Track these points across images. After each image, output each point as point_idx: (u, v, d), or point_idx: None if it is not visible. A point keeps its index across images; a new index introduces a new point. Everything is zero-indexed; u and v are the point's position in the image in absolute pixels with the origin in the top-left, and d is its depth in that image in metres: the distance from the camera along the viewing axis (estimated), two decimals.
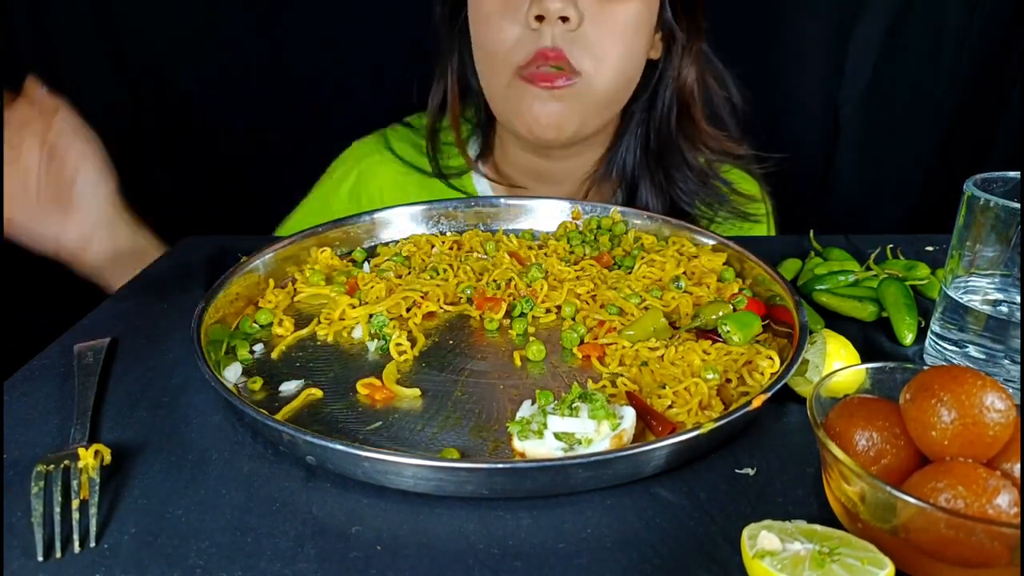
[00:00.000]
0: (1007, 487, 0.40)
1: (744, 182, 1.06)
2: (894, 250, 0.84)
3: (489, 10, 0.86)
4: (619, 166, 0.99)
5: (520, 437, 0.52)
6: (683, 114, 0.97)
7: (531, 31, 0.83)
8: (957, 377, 0.43)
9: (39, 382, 0.62)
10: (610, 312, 0.70)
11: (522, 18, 0.83)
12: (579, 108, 0.88)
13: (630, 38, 0.87)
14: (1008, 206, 0.57)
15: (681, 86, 0.95)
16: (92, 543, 0.45)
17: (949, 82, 1.34)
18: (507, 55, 0.86)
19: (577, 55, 0.84)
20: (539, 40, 0.83)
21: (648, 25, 0.89)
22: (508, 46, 0.85)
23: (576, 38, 0.83)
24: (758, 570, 0.39)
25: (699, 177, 0.98)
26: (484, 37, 0.88)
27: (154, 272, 0.85)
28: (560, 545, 0.45)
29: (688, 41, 0.94)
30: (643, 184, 0.98)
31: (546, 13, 0.81)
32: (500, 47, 0.86)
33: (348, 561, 0.44)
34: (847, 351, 0.60)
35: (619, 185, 1.01)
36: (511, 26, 0.84)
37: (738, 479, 0.51)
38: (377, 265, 0.80)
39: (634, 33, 0.87)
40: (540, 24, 0.82)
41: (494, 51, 0.87)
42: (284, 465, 0.52)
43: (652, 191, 0.98)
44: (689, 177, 0.98)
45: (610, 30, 0.85)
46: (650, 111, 0.97)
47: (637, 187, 0.99)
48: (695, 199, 0.98)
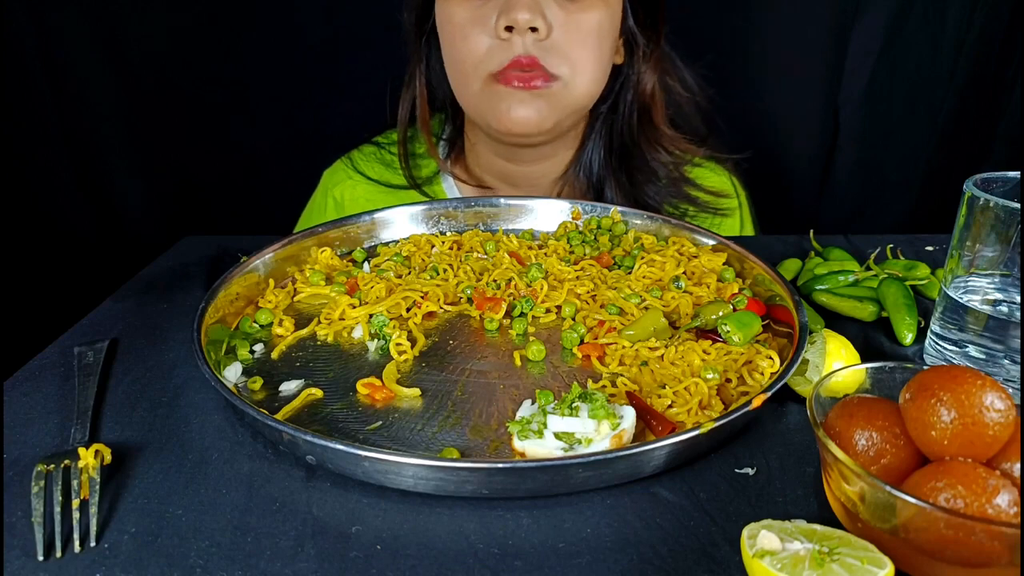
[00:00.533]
0: (1007, 487, 0.40)
1: (713, 175, 1.07)
2: (894, 250, 0.84)
3: (459, 20, 0.87)
4: (585, 168, 1.01)
5: (520, 437, 0.52)
6: (644, 117, 0.99)
7: (501, 40, 0.85)
8: (957, 377, 0.43)
9: (39, 382, 0.62)
10: (610, 312, 0.70)
11: (491, 29, 0.85)
12: (556, 108, 0.89)
13: (597, 44, 0.88)
14: (1008, 206, 0.57)
15: (642, 90, 0.97)
16: (92, 543, 0.45)
17: (949, 82, 1.34)
18: (479, 64, 0.87)
19: (552, 62, 0.86)
20: (511, 49, 0.85)
21: (612, 31, 0.90)
22: (479, 55, 0.86)
23: (548, 46, 0.85)
24: (758, 569, 0.39)
25: (663, 178, 1.00)
26: (455, 47, 0.89)
27: (154, 272, 0.85)
28: (560, 545, 0.45)
29: (648, 47, 0.96)
30: (607, 185, 1.00)
31: (515, 24, 0.82)
32: (471, 56, 0.87)
33: (348, 561, 0.44)
34: (847, 351, 0.60)
35: (587, 187, 1.02)
36: (481, 36, 0.86)
37: (738, 479, 0.51)
38: (377, 265, 0.80)
39: (600, 39, 0.89)
40: (510, 34, 0.84)
41: (466, 60, 0.88)
42: (284, 465, 0.52)
43: (617, 192, 1.00)
44: (652, 178, 1.00)
45: (578, 37, 0.86)
46: (613, 114, 0.99)
47: (603, 188, 1.00)
48: (661, 199, 1.00)
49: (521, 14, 0.81)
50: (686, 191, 1.01)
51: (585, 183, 1.02)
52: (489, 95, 0.88)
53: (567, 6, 0.85)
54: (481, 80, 0.88)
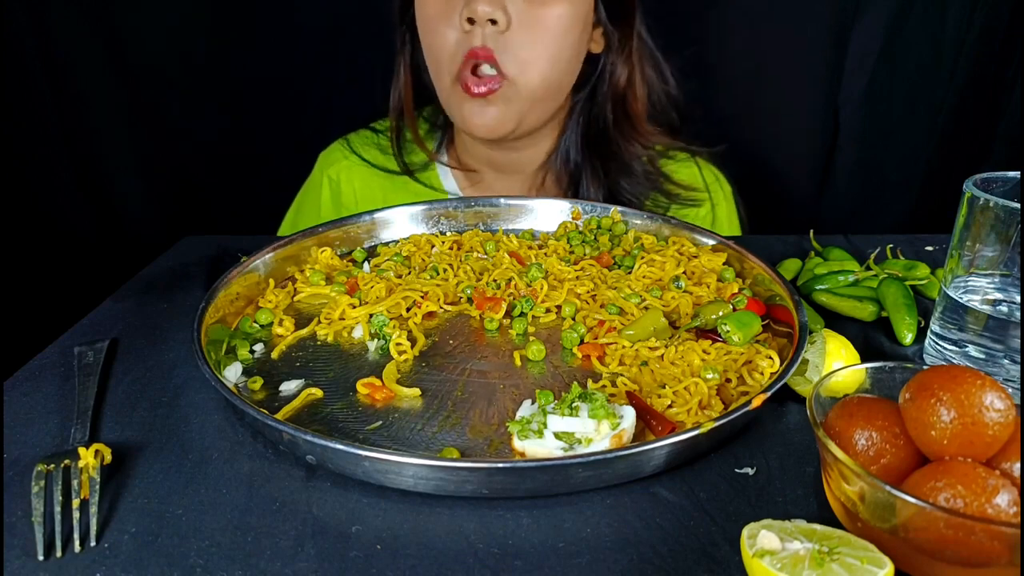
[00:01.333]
0: (1006, 486, 0.40)
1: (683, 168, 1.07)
2: (894, 250, 0.84)
3: (431, 13, 0.90)
4: (563, 155, 1.02)
5: (520, 437, 0.52)
6: (618, 108, 1.00)
7: (464, 34, 0.87)
8: (957, 377, 0.43)
9: (39, 382, 0.62)
10: (610, 312, 0.70)
11: (454, 23, 0.87)
12: (512, 108, 0.91)
13: (558, 40, 0.90)
14: (1008, 206, 0.57)
15: (616, 81, 0.99)
16: (92, 542, 0.45)
17: (949, 82, 1.34)
18: (447, 58, 0.90)
19: (505, 59, 0.88)
20: (470, 40, 0.87)
21: (578, 25, 0.91)
22: (448, 50, 0.89)
23: (505, 41, 0.87)
24: (758, 569, 0.39)
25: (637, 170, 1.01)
26: (427, 40, 0.92)
27: (154, 272, 0.85)
28: (560, 544, 0.45)
29: (621, 41, 0.97)
30: (584, 174, 1.01)
31: (475, 15, 0.85)
32: (441, 52, 0.90)
33: (348, 560, 0.44)
34: (847, 351, 0.60)
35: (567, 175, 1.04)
36: (448, 30, 0.88)
37: (738, 479, 0.51)
38: (377, 265, 0.80)
39: (562, 35, 0.90)
40: (471, 26, 0.86)
41: (437, 55, 0.91)
42: (284, 465, 0.52)
43: (592, 182, 1.01)
44: (625, 170, 1.01)
45: (538, 33, 0.88)
46: (590, 102, 1.01)
47: (579, 176, 1.02)
48: (636, 192, 1.01)
49: (481, 6, 0.84)
50: (661, 184, 1.03)
51: (565, 171, 1.03)
52: (454, 97, 0.92)
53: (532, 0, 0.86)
54: (449, 79, 0.91)
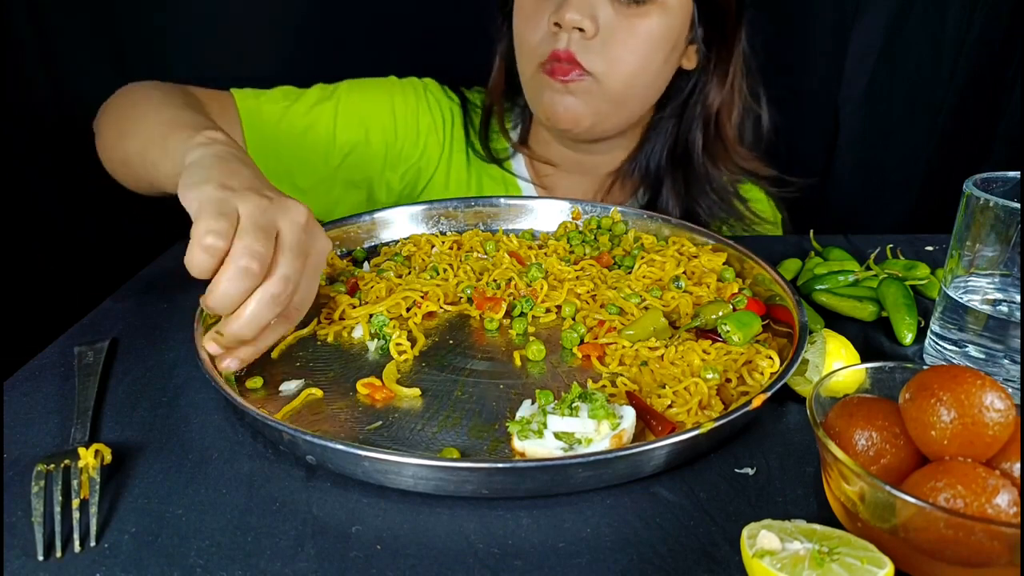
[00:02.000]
0: (1006, 487, 0.40)
1: (759, 203, 1.08)
2: (894, 250, 0.84)
3: (525, 7, 0.91)
4: (642, 166, 1.02)
5: (520, 437, 0.52)
6: (708, 129, 1.00)
7: (551, 33, 0.88)
8: (957, 377, 0.43)
9: (39, 382, 0.62)
10: (610, 312, 0.70)
11: (546, 20, 0.88)
12: (591, 103, 0.91)
13: (647, 50, 0.90)
14: (1008, 206, 0.57)
15: (708, 103, 0.98)
16: (92, 542, 0.45)
17: (949, 82, 1.34)
18: (532, 50, 0.91)
19: (589, 59, 0.88)
20: (556, 42, 0.88)
21: (670, 39, 0.91)
22: (534, 42, 0.90)
23: (590, 45, 0.87)
24: (758, 569, 0.39)
25: (717, 192, 1.01)
26: (518, 31, 0.93)
27: (154, 272, 0.85)
28: (560, 545, 0.45)
29: (716, 64, 0.97)
30: (665, 186, 1.01)
31: (562, 22, 0.86)
32: (527, 43, 0.91)
33: (348, 560, 0.44)
34: (847, 351, 0.60)
35: (640, 185, 1.04)
36: (539, 25, 0.89)
37: (738, 479, 0.51)
38: (377, 265, 0.80)
39: (652, 46, 0.90)
40: (558, 29, 0.87)
41: (523, 45, 0.92)
42: (284, 465, 0.52)
43: (672, 196, 1.01)
44: (707, 190, 1.00)
45: (627, 41, 0.88)
46: (679, 119, 1.00)
47: (659, 188, 1.02)
48: (710, 212, 1.01)
49: (570, 14, 0.85)
50: (739, 211, 1.03)
51: (639, 181, 1.03)
52: (536, 83, 0.92)
53: (622, 10, 0.87)
54: (533, 67, 0.92)
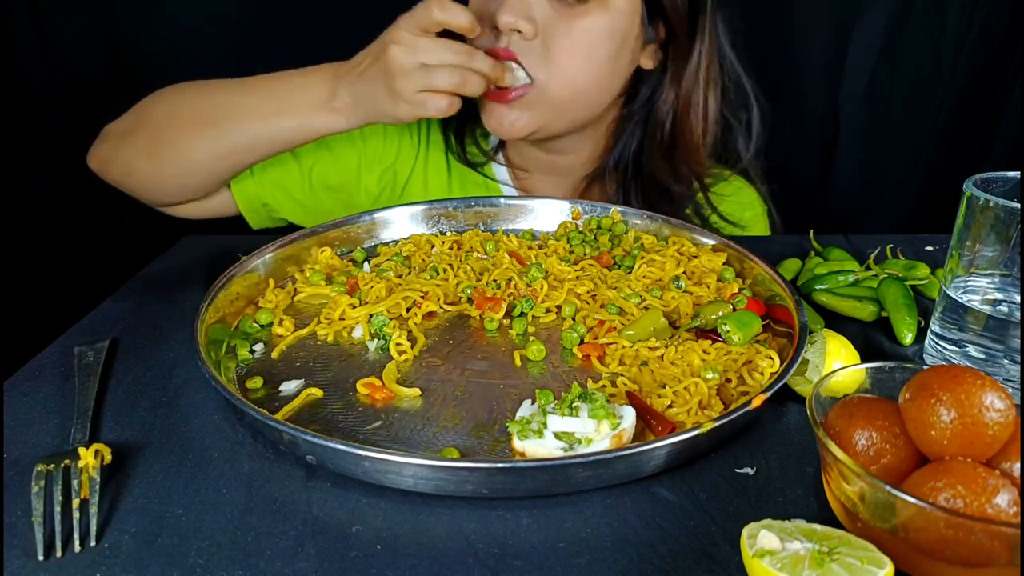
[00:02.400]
0: (1006, 486, 0.40)
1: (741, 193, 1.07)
2: (894, 250, 0.84)
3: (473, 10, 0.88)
4: (614, 167, 1.01)
5: (520, 437, 0.52)
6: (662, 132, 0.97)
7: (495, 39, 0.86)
8: (957, 377, 0.43)
9: (39, 382, 0.62)
10: (610, 312, 0.70)
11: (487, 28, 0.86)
12: (536, 113, 0.90)
13: (591, 50, 0.88)
14: (1008, 206, 0.57)
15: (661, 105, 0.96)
16: (92, 542, 0.45)
17: (949, 82, 1.34)
18: None
19: (531, 63, 0.86)
20: (495, 42, 0.86)
21: (614, 38, 0.89)
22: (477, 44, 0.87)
23: (532, 47, 0.85)
24: (758, 569, 0.39)
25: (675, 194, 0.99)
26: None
27: (154, 272, 0.85)
28: (560, 545, 0.45)
29: (672, 64, 0.95)
30: (636, 183, 1.00)
31: (499, 24, 0.84)
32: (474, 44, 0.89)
33: (348, 560, 0.44)
34: (847, 351, 0.60)
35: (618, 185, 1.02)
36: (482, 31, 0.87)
37: (738, 479, 0.51)
38: (377, 265, 0.80)
39: (595, 46, 0.88)
40: (498, 33, 0.86)
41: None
42: (284, 465, 0.52)
43: (638, 196, 1.00)
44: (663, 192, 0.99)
45: (569, 42, 0.86)
46: (646, 120, 0.99)
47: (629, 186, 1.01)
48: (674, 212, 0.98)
49: (506, 16, 0.83)
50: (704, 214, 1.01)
51: (616, 181, 1.02)
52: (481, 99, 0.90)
53: (563, 10, 0.85)
54: None
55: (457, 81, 0.78)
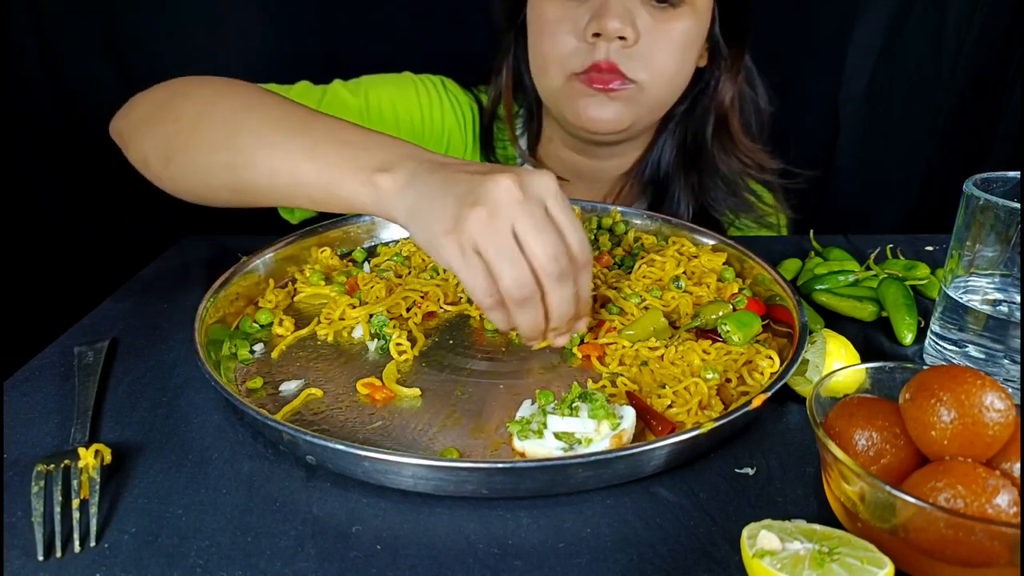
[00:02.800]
0: (1007, 487, 0.40)
1: (764, 195, 1.09)
2: (894, 250, 0.84)
3: (550, 18, 0.89)
4: (653, 166, 1.02)
5: (520, 437, 0.52)
6: (720, 123, 0.99)
7: (588, 44, 0.86)
8: (957, 377, 0.43)
9: (39, 382, 0.62)
10: (610, 312, 0.70)
11: (580, 30, 0.86)
12: (632, 109, 0.91)
13: (682, 52, 0.90)
14: (1008, 206, 0.57)
15: (721, 98, 0.98)
16: (92, 542, 0.45)
17: (949, 82, 1.34)
18: (562, 61, 0.89)
19: (632, 67, 0.87)
20: (594, 53, 0.86)
21: (699, 39, 0.91)
22: (564, 54, 0.88)
23: (631, 53, 0.86)
24: (758, 569, 0.39)
25: (728, 185, 1.01)
26: (542, 43, 0.91)
27: (154, 272, 0.85)
28: (560, 545, 0.45)
29: (731, 58, 0.97)
30: (675, 185, 1.01)
31: (604, 31, 0.84)
32: (556, 54, 0.89)
33: (348, 560, 0.44)
34: (847, 351, 0.60)
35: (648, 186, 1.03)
36: (569, 36, 0.87)
37: (738, 479, 0.51)
38: (377, 265, 0.80)
39: (686, 47, 0.90)
40: (597, 39, 0.85)
41: (550, 56, 0.90)
42: (284, 465, 0.52)
43: (683, 193, 1.00)
44: (719, 184, 1.00)
45: (664, 45, 0.88)
46: (689, 116, 1.00)
47: (668, 187, 1.01)
48: (723, 205, 1.01)
49: (612, 22, 0.83)
50: (747, 200, 1.03)
51: (647, 182, 1.03)
52: (568, 91, 0.90)
53: (657, 14, 0.86)
54: (563, 77, 0.90)
55: (517, 293, 0.55)
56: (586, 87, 0.88)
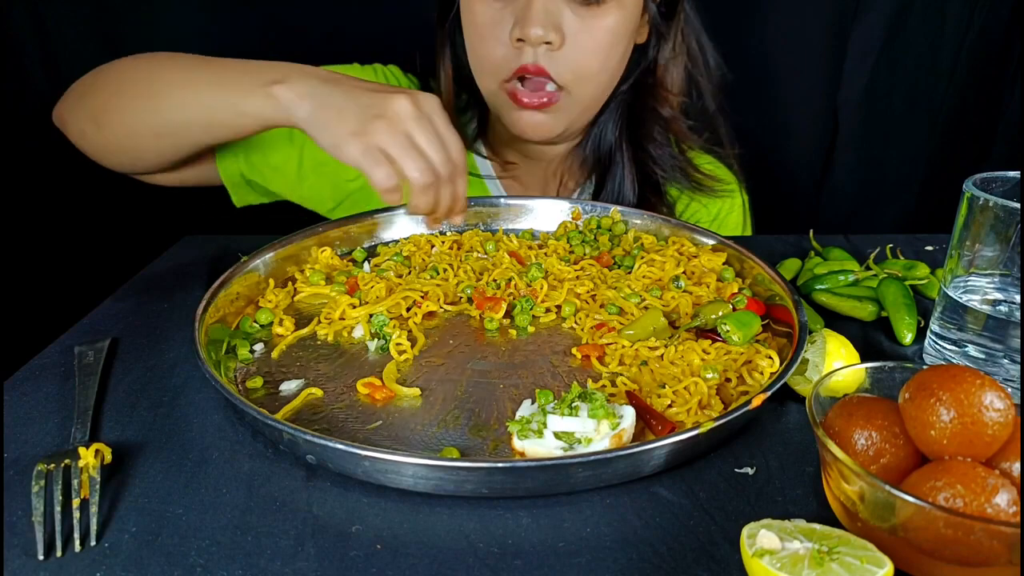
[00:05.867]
0: (1006, 486, 0.40)
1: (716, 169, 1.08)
2: (894, 250, 0.84)
3: (480, 21, 0.88)
4: (594, 141, 1.02)
5: (520, 436, 0.52)
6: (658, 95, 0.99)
7: (514, 48, 0.85)
8: (956, 376, 0.43)
9: (39, 382, 0.62)
10: (610, 312, 0.70)
11: (505, 34, 0.85)
12: (564, 116, 0.91)
13: (611, 48, 0.89)
14: (1008, 206, 0.57)
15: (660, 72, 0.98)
16: (93, 542, 0.45)
17: (949, 82, 1.34)
18: (494, 69, 0.89)
19: (559, 70, 0.86)
20: (521, 57, 0.85)
21: (629, 29, 0.90)
22: (495, 61, 0.88)
23: (557, 56, 0.85)
24: (757, 569, 0.39)
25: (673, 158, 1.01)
26: (473, 46, 0.91)
27: (154, 272, 0.85)
28: (560, 544, 0.45)
29: (667, 32, 0.96)
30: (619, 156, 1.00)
31: (527, 38, 0.83)
32: (488, 60, 0.89)
33: (348, 560, 0.44)
34: (847, 351, 0.60)
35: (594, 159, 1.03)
36: (497, 41, 0.86)
37: (738, 478, 0.51)
38: (377, 265, 0.80)
39: (614, 44, 0.89)
40: (522, 44, 0.85)
41: (483, 61, 0.90)
42: (284, 464, 0.52)
43: (628, 165, 1.00)
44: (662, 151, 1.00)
45: (591, 45, 0.87)
46: (633, 92, 1.00)
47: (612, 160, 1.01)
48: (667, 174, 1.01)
49: (534, 29, 0.82)
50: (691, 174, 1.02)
51: (593, 156, 1.03)
52: (502, 100, 0.90)
53: (582, 12, 0.85)
54: (496, 84, 0.90)
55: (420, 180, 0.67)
56: (515, 103, 0.88)
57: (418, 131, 0.67)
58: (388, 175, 0.66)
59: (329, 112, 0.68)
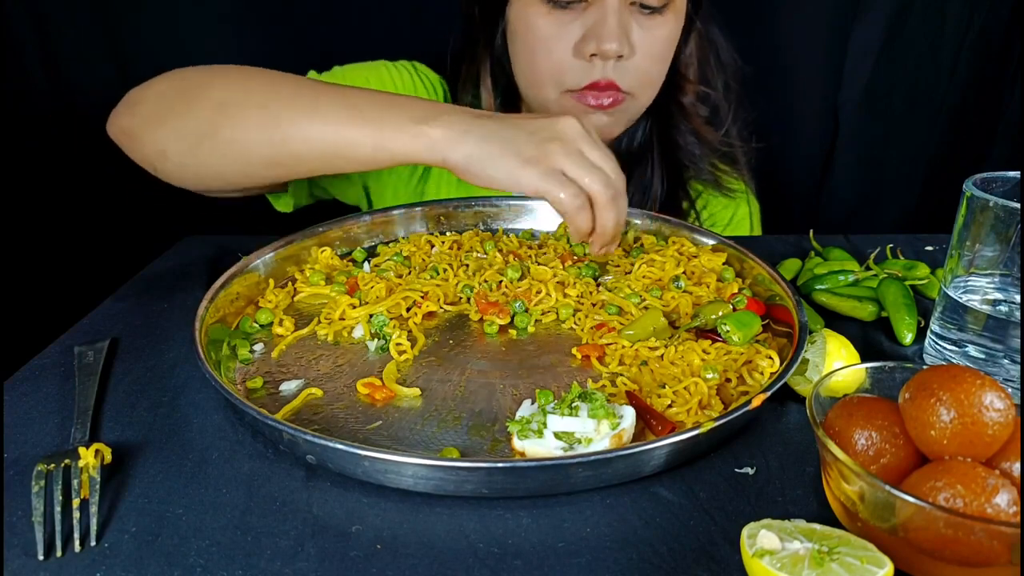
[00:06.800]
0: (1006, 486, 0.40)
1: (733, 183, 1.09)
2: (894, 250, 0.84)
3: (542, 34, 0.87)
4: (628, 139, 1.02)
5: (520, 436, 0.52)
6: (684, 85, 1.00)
7: (584, 62, 0.86)
8: (956, 376, 0.43)
9: (39, 382, 0.62)
10: (610, 312, 0.70)
11: (570, 47, 0.85)
12: (624, 118, 0.93)
13: (668, 53, 0.91)
14: (1008, 206, 0.57)
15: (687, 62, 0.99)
16: (93, 542, 0.45)
17: (949, 82, 1.35)
18: (558, 79, 0.88)
19: (626, 80, 0.87)
20: (591, 72, 0.86)
21: (679, 32, 0.92)
22: (559, 72, 0.88)
23: (625, 66, 0.87)
24: (757, 569, 0.39)
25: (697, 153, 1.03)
26: (534, 57, 0.89)
27: (154, 272, 0.85)
28: (560, 544, 0.45)
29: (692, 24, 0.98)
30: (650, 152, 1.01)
31: (603, 54, 0.84)
32: (550, 71, 0.88)
33: (348, 560, 0.44)
34: (847, 351, 0.60)
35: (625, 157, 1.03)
36: (563, 53, 0.86)
37: (738, 478, 0.51)
38: (377, 265, 0.80)
39: (672, 48, 0.91)
40: (594, 59, 0.85)
41: (544, 73, 0.89)
42: (284, 464, 0.52)
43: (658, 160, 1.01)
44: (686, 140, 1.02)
45: (654, 52, 0.88)
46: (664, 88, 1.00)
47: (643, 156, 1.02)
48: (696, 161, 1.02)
49: (610, 44, 0.83)
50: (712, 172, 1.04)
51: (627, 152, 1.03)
52: (562, 105, 0.90)
53: (646, 23, 0.86)
54: (557, 93, 0.89)
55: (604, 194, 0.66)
56: (580, 104, 0.88)
57: (589, 148, 0.67)
58: (575, 193, 0.65)
59: (493, 146, 0.66)
